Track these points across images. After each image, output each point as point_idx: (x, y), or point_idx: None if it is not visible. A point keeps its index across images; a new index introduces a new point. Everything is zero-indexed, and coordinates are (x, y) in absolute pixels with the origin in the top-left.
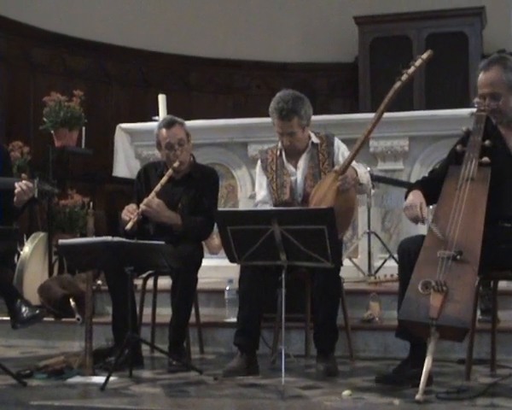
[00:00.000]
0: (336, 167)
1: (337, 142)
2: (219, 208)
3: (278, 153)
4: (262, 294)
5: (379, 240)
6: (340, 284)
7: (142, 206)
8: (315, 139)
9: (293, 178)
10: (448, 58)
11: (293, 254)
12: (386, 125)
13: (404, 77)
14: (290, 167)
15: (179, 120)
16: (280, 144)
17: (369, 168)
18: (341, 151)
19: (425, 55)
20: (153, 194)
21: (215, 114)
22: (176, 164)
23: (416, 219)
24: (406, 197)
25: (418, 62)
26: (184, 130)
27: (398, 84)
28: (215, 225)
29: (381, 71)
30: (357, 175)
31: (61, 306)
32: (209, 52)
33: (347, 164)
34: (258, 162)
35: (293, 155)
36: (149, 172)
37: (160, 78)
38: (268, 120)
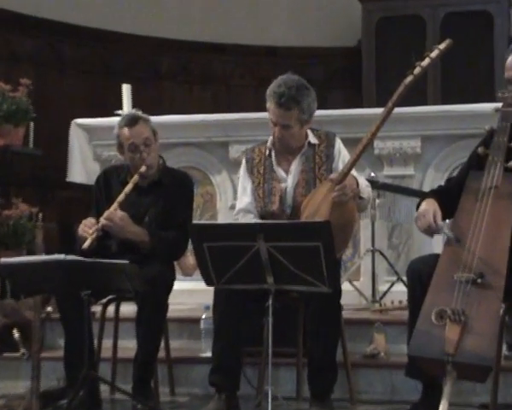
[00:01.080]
0: (333, 175)
1: (338, 144)
2: (194, 221)
3: (267, 152)
4: (241, 322)
5: (385, 260)
6: (339, 312)
7: (102, 220)
8: (313, 139)
9: (283, 185)
10: (469, 42)
11: (283, 277)
12: (395, 122)
13: (417, 70)
14: (280, 171)
15: (143, 116)
16: (269, 142)
17: (373, 174)
18: (342, 157)
19: (443, 46)
20: (115, 205)
21: (190, 107)
22: (142, 169)
23: (430, 230)
24: (418, 207)
25: (434, 53)
26: (150, 127)
27: (409, 79)
28: (189, 242)
29: (388, 57)
30: (357, 186)
31: (1, 338)
32: (183, 34)
33: (347, 171)
34: (243, 162)
35: (285, 156)
36: (111, 178)
37: (124, 64)
38: (254, 115)
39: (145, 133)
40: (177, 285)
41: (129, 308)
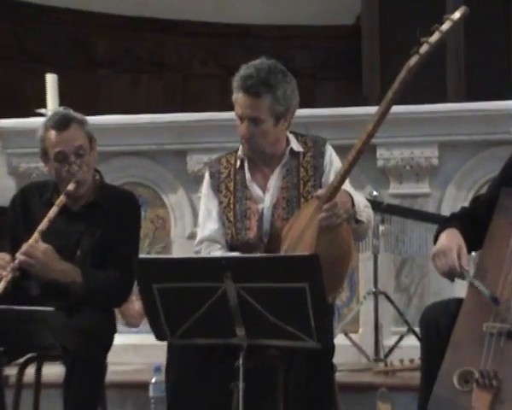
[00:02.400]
0: (320, 191)
1: (330, 153)
2: (141, 255)
3: (238, 164)
4: (203, 388)
5: (391, 305)
6: (332, 374)
7: (19, 256)
8: (296, 146)
9: (260, 206)
10: (500, 21)
11: (257, 328)
12: (405, 124)
13: (425, 49)
14: (255, 188)
15: (78, 117)
16: (241, 151)
17: (375, 192)
18: (335, 169)
19: (457, 15)
20: (36, 235)
21: (135, 105)
22: (71, 186)
23: (452, 273)
24: (436, 239)
25: (446, 26)
26: (85, 132)
27: (413, 61)
28: (135, 282)
29: (396, 38)
30: (353, 205)
31: None
32: (125, 8)
33: (337, 184)
34: (206, 177)
35: (261, 168)
36: (31, 199)
37: (48, 48)
38: (220, 116)
39: (78, 140)
40: (119, 339)
41: (54, 370)
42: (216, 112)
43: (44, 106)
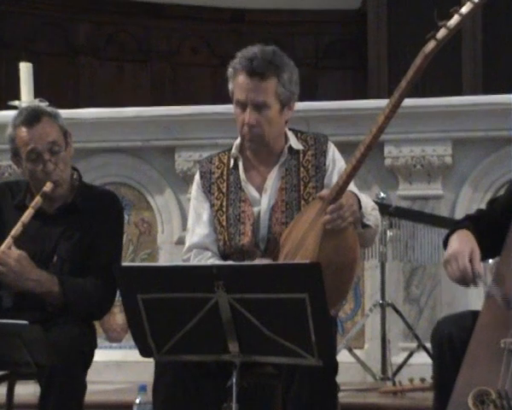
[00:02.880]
0: (324, 192)
1: (332, 151)
2: (124, 263)
3: (232, 163)
4: (194, 409)
5: (400, 318)
6: (335, 394)
7: None
8: (295, 143)
9: (255, 209)
10: None
11: (252, 344)
12: (415, 119)
13: (442, 34)
14: (251, 190)
15: (49, 110)
16: (235, 148)
17: (383, 194)
18: (338, 169)
19: None
20: (8, 240)
21: (119, 96)
22: (47, 187)
23: (464, 279)
24: (446, 243)
25: (466, 9)
26: (60, 127)
27: (430, 47)
28: (117, 293)
29: (407, 24)
30: (359, 207)
31: None
32: None
33: (342, 184)
34: (196, 177)
35: (257, 168)
36: (2, 201)
37: (23, 34)
38: (212, 109)
39: (51, 135)
40: (100, 356)
41: (28, 390)
42: (208, 105)
43: (18, 98)
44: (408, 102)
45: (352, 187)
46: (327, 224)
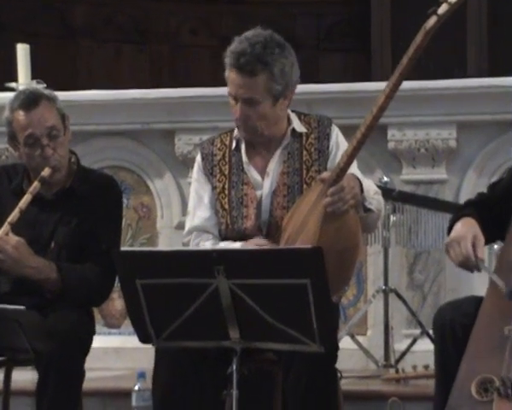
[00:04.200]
0: (325, 174)
1: (336, 134)
2: (123, 248)
3: (234, 145)
4: (193, 397)
5: (403, 305)
6: (336, 381)
7: None
8: (298, 126)
9: (258, 193)
10: None
11: (253, 330)
12: (419, 102)
13: (443, 9)
14: (253, 173)
15: (48, 93)
16: (237, 131)
17: (386, 178)
18: (341, 152)
19: None
20: (6, 227)
21: (118, 79)
22: (45, 172)
23: (467, 263)
24: (451, 229)
25: None
26: (58, 110)
27: (431, 23)
28: (116, 278)
29: (410, 4)
30: (361, 190)
31: None
32: None
33: (343, 165)
34: (198, 160)
35: (259, 151)
36: None
37: (20, 16)
38: (213, 92)
39: (50, 119)
40: (98, 342)
41: (25, 376)
42: (208, 87)
43: (15, 80)
44: (412, 84)
45: (354, 170)
46: (327, 206)
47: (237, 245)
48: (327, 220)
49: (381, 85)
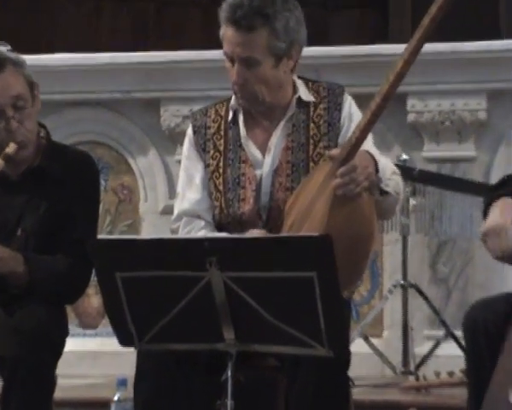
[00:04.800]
0: (335, 151)
1: (349, 104)
2: (101, 236)
3: (230, 116)
4: (182, 407)
5: (425, 302)
6: (347, 390)
7: None
8: (305, 94)
9: (258, 172)
10: None
11: (251, 331)
12: (443, 67)
13: None
14: (253, 148)
15: (13, 57)
16: (234, 99)
17: (405, 156)
18: (355, 125)
19: None
20: None
21: (97, 40)
22: (10, 148)
23: (507, 258)
24: (486, 213)
25: None
26: (25, 77)
27: None
28: (92, 271)
29: None
30: (376, 170)
31: None
32: None
33: (356, 141)
34: (188, 133)
35: (260, 122)
36: None
37: None
38: (204, 55)
39: (16, 87)
40: (72, 345)
41: None
42: (198, 50)
43: None
44: (435, 47)
45: (369, 146)
46: (337, 189)
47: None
48: (337, 205)
49: (399, 48)
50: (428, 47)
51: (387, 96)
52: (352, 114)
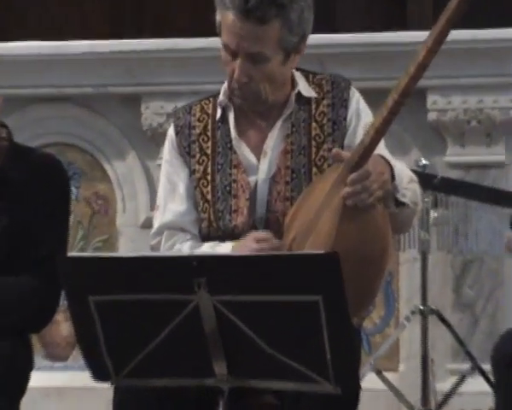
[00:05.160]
0: (344, 153)
1: (356, 100)
2: (71, 253)
3: (219, 114)
4: None
5: (448, 330)
6: None
7: None
8: (305, 89)
9: (253, 179)
10: None
11: (246, 364)
12: (470, 58)
13: None
14: (246, 152)
15: None
16: (223, 94)
17: (424, 161)
18: (364, 125)
19: None
20: None
21: (65, 27)
22: None
23: None
24: None
25: None
26: None
27: None
28: (61, 294)
29: None
30: (392, 178)
31: None
32: None
33: (369, 144)
34: (170, 133)
35: (254, 121)
36: None
37: None
38: (192, 43)
39: None
40: (38, 380)
41: None
42: (185, 37)
43: None
44: (460, 34)
45: (382, 149)
46: (347, 198)
47: (226, 247)
48: (346, 217)
49: (419, 36)
50: (453, 34)
51: (407, 92)
52: (359, 112)
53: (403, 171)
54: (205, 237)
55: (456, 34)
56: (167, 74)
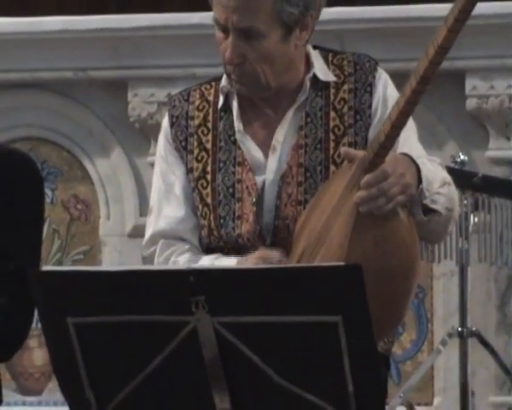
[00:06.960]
0: (358, 152)
1: (384, 84)
2: (46, 267)
3: (221, 102)
4: None
5: (491, 356)
6: None
7: None
8: (323, 72)
9: (260, 179)
10: None
11: (251, 396)
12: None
13: None
14: (252, 147)
15: None
16: (225, 80)
17: (463, 156)
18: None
19: None
20: None
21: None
22: None
23: None
24: None
25: None
26: None
27: None
28: (34, 315)
29: None
30: (419, 180)
31: None
32: None
33: (384, 141)
34: (165, 124)
35: (261, 110)
36: None
37: None
38: (186, 19)
39: None
40: None
41: None
42: (177, 12)
43: None
44: (505, 7)
45: (413, 145)
46: (361, 205)
47: (230, 262)
48: (361, 226)
49: (444, 8)
50: (495, 7)
51: (427, 78)
52: (387, 97)
53: (434, 171)
54: (205, 247)
55: (499, 7)
56: (158, 56)
